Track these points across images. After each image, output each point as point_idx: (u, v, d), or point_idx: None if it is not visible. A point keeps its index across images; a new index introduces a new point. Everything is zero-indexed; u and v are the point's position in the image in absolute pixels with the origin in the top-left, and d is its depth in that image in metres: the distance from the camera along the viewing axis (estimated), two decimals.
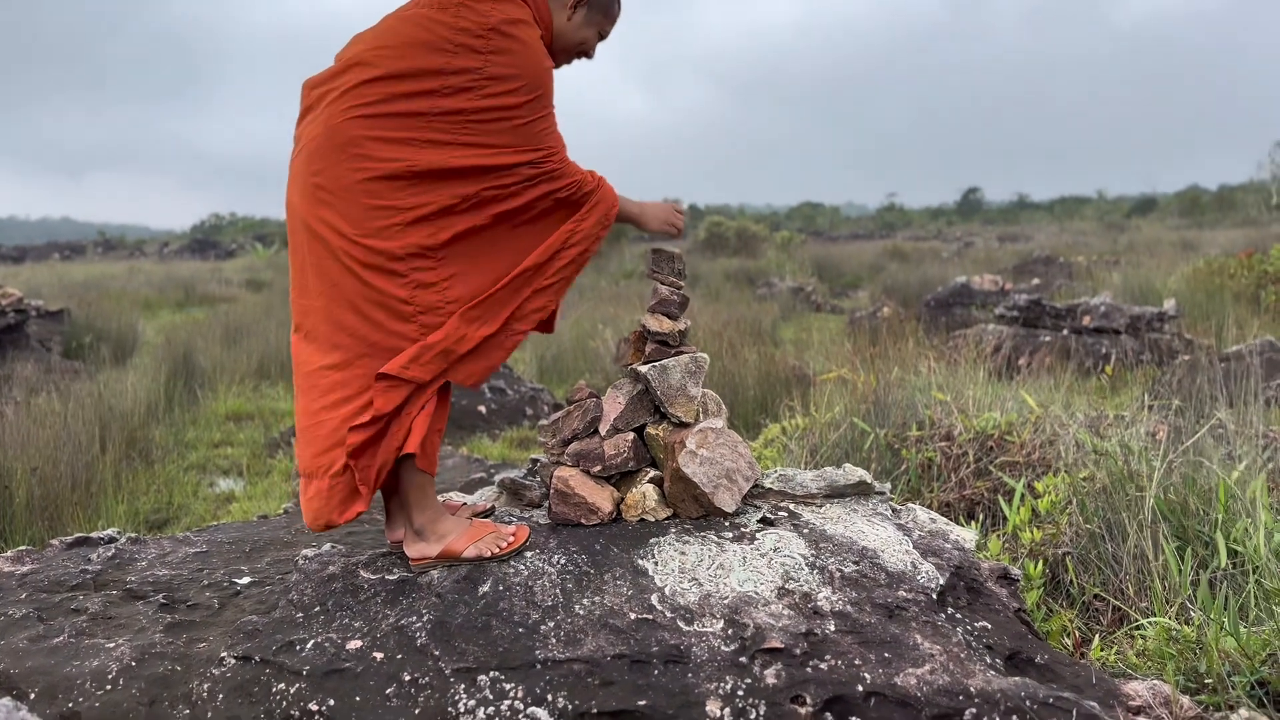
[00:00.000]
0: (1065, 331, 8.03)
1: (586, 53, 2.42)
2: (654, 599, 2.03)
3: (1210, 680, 2.15)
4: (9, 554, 2.60)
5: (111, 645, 2.11)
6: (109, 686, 1.98)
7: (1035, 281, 12.85)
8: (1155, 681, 2.01)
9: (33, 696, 1.96)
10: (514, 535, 2.24)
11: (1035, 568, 2.72)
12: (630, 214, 2.42)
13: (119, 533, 2.78)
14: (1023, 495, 3.21)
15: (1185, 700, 1.94)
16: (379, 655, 1.93)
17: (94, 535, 2.76)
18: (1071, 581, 2.93)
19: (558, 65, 2.40)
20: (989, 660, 1.97)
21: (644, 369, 2.41)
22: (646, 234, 2.56)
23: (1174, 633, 2.33)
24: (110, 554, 2.60)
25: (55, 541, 2.73)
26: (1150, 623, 2.46)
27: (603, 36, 2.42)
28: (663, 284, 2.49)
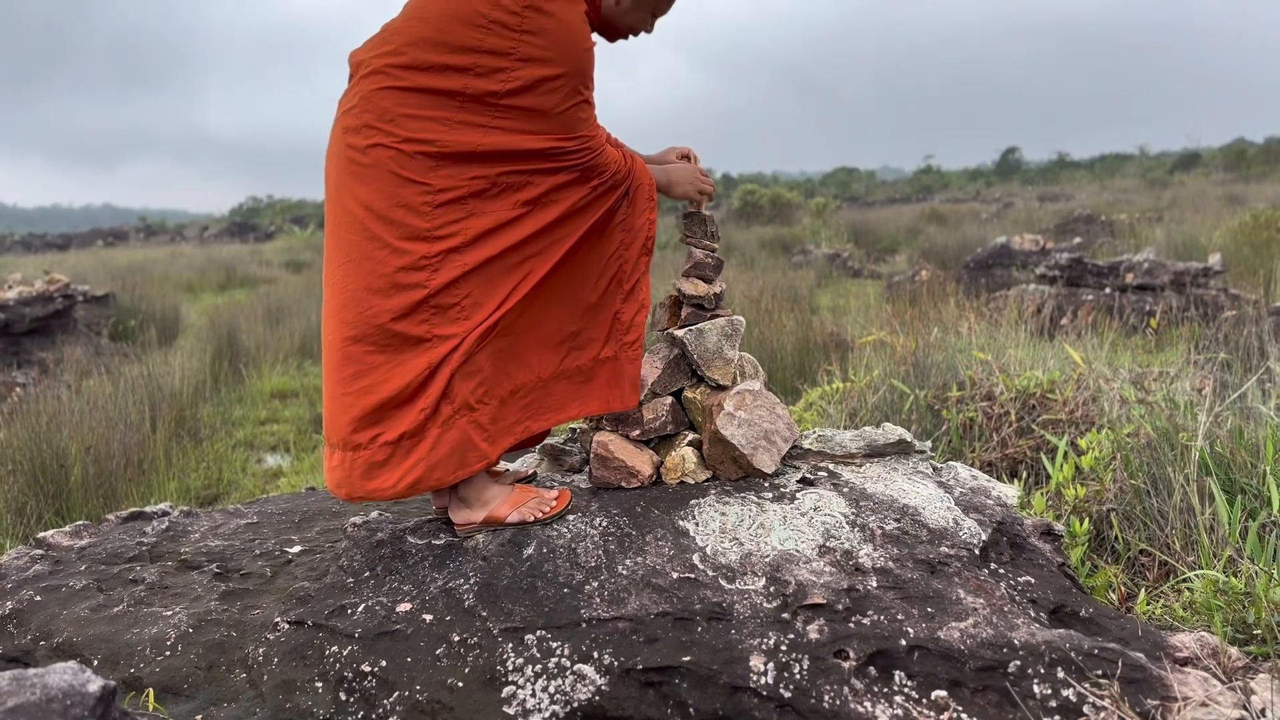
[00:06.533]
0: (1108, 290, 7.92)
1: (644, 31, 2.32)
2: (695, 558, 2.05)
3: (1259, 631, 2.13)
4: (67, 529, 2.68)
5: (169, 613, 2.17)
6: (168, 652, 2.04)
7: (1077, 240, 12.64)
8: (1203, 633, 2.00)
9: (96, 663, 2.03)
10: (556, 499, 2.27)
11: (1080, 524, 2.70)
12: (658, 185, 2.36)
13: (172, 507, 2.85)
14: (1066, 452, 3.19)
15: (1234, 651, 1.93)
16: (428, 617, 1.97)
17: (148, 510, 2.83)
18: (1116, 537, 2.91)
19: (611, 40, 2.31)
20: (1033, 614, 1.96)
21: (680, 333, 2.42)
22: (676, 201, 2.50)
23: (1222, 585, 2.32)
24: (164, 527, 2.67)
25: (111, 516, 2.81)
26: (1197, 575, 2.44)
27: (658, 14, 2.31)
28: (697, 247, 2.49)
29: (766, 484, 2.36)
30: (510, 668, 1.83)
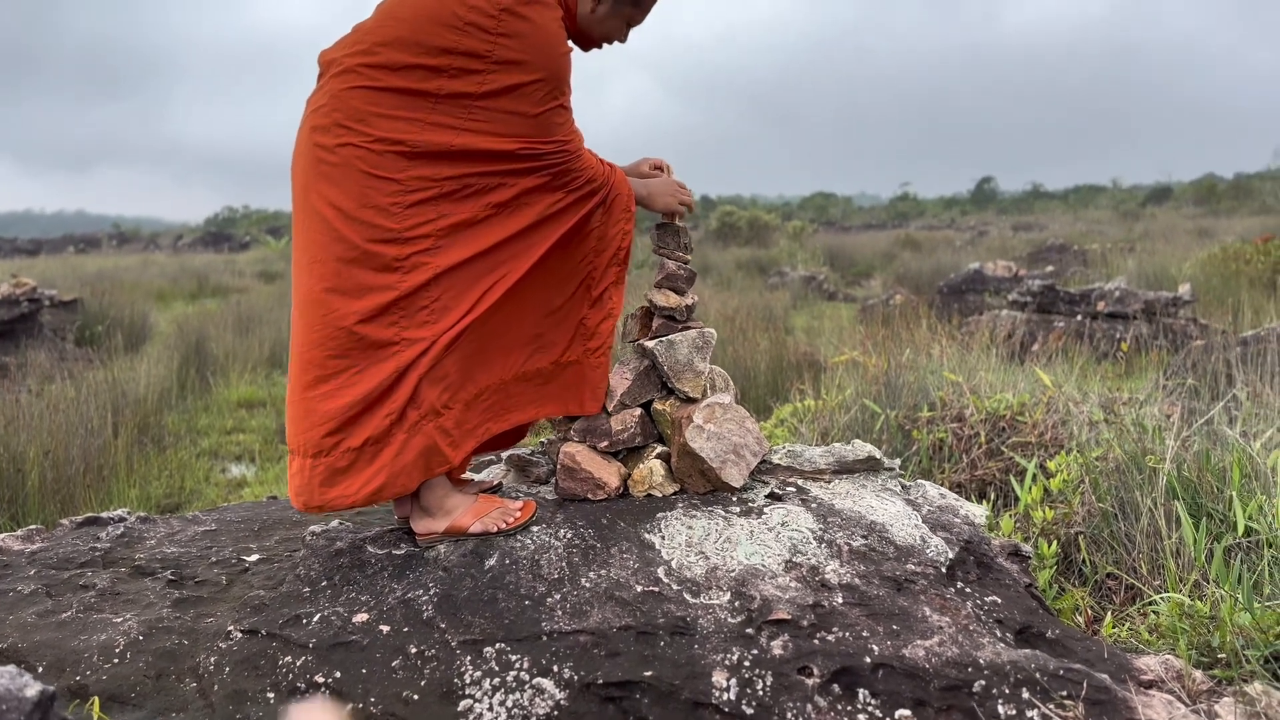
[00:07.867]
0: (1079, 317, 7.98)
1: (618, 40, 2.30)
2: (660, 572, 2.02)
3: (1224, 655, 2.13)
4: (19, 532, 2.61)
5: (119, 620, 2.11)
6: (116, 660, 1.98)
7: (1049, 268, 12.77)
8: (1168, 656, 1.98)
9: (40, 670, 1.96)
10: (521, 510, 2.23)
11: (1048, 546, 2.69)
12: (638, 197, 2.35)
13: (129, 513, 2.79)
14: (1035, 475, 3.18)
15: (1198, 674, 1.92)
16: (385, 628, 1.93)
17: (103, 515, 2.76)
18: (1084, 561, 2.90)
19: (585, 50, 2.30)
20: (999, 634, 1.95)
21: (651, 344, 2.40)
22: (654, 214, 2.48)
23: (1187, 608, 2.31)
24: (119, 532, 2.60)
25: (65, 521, 2.74)
26: (1163, 599, 2.43)
27: (633, 25, 2.29)
28: (669, 259, 2.47)
29: (734, 498, 2.33)
30: (468, 680, 1.79)
